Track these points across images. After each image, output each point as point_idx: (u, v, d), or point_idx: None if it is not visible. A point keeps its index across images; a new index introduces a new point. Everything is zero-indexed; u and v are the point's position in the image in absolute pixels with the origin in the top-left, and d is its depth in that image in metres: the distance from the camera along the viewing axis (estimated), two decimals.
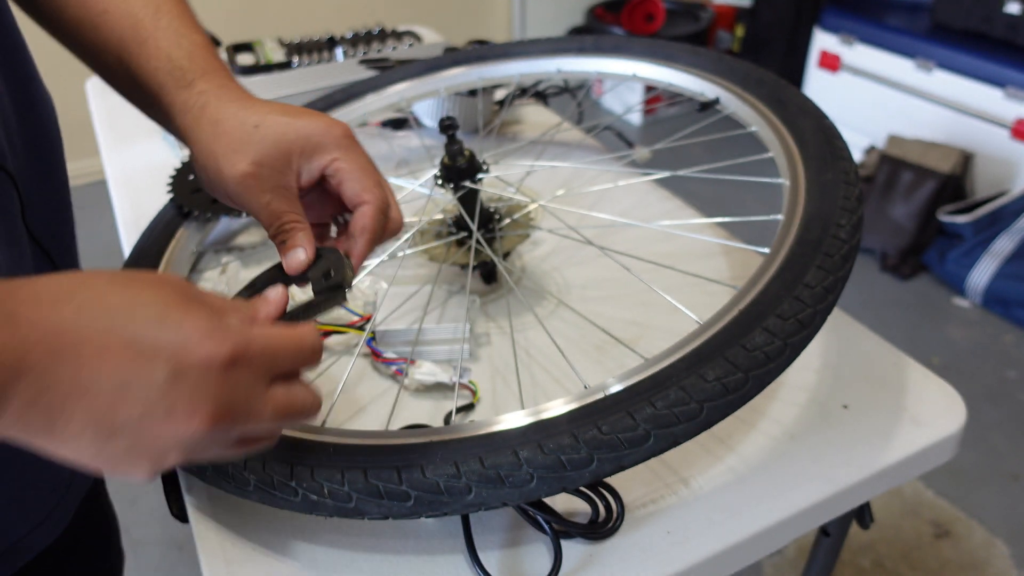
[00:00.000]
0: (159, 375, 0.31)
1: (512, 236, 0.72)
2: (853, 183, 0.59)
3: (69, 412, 0.30)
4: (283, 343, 0.37)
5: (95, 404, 0.31)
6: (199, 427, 0.33)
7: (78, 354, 0.30)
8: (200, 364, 0.32)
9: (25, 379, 0.29)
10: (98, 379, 0.31)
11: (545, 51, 0.93)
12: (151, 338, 0.32)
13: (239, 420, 0.34)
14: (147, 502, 1.59)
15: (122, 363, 0.31)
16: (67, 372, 0.30)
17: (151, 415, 0.32)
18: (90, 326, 0.31)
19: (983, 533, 1.49)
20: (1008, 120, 2.17)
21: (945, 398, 0.61)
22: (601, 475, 0.45)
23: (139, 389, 0.31)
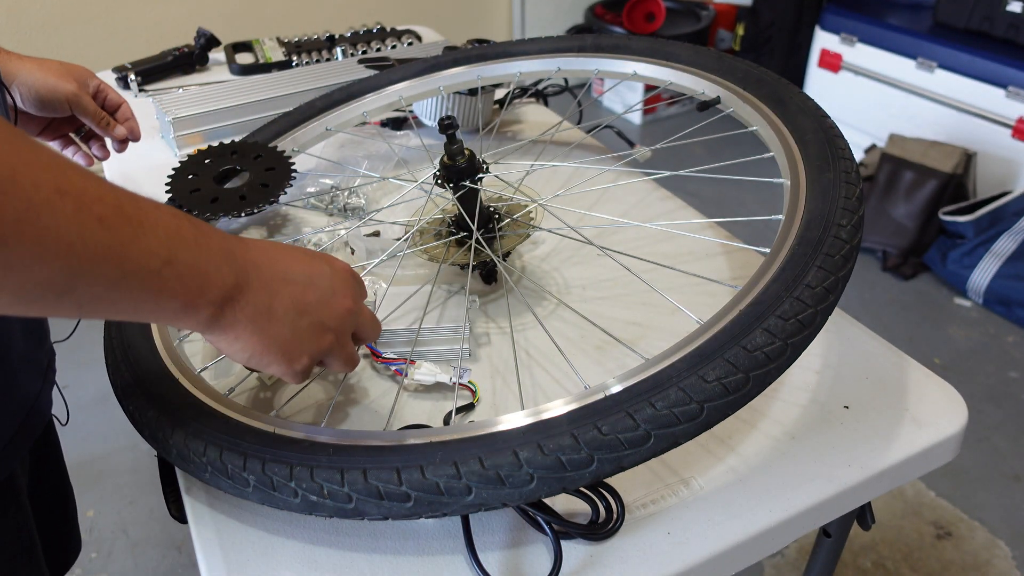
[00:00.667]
0: (327, 270, 0.51)
1: (512, 236, 0.72)
2: (854, 183, 0.59)
3: (282, 295, 0.47)
4: (365, 287, 0.56)
5: (295, 290, 0.48)
6: (350, 305, 0.51)
7: (283, 259, 0.49)
8: (343, 269, 0.53)
9: (259, 270, 0.46)
10: (297, 273, 0.49)
11: (545, 50, 0.93)
12: (319, 256, 0.52)
13: (356, 311, 0.52)
14: (146, 503, 1.59)
15: (308, 264, 0.50)
16: (280, 268, 0.48)
17: (324, 296, 0.50)
18: (283, 249, 0.50)
19: (985, 534, 1.49)
20: (1010, 119, 2.16)
21: (946, 399, 0.61)
22: (601, 476, 0.45)
23: (318, 279, 0.50)
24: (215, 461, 0.50)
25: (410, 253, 0.73)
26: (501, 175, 0.79)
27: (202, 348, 0.68)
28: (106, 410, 1.74)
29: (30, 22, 2.32)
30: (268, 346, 0.47)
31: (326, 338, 0.50)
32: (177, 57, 1.26)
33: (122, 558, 1.50)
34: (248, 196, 0.80)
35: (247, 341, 0.46)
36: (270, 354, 0.48)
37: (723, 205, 2.45)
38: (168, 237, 0.39)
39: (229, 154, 0.86)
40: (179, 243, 0.40)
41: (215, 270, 0.43)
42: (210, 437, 0.51)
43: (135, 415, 0.56)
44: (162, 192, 0.81)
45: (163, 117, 1.02)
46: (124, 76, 1.21)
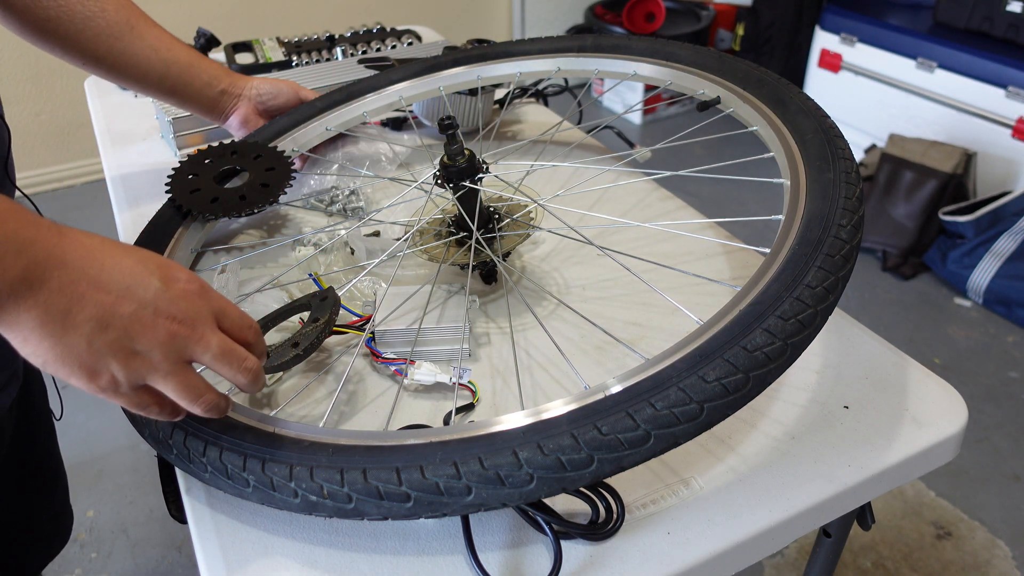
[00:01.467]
0: (154, 283, 0.45)
1: (512, 236, 0.72)
2: (854, 183, 0.59)
3: (85, 301, 0.42)
4: (234, 308, 0.50)
5: (105, 299, 0.43)
6: (170, 328, 0.45)
7: (103, 261, 0.44)
8: (180, 286, 0.46)
9: (63, 269, 0.42)
10: (112, 280, 0.43)
11: (545, 50, 0.93)
12: (154, 263, 0.46)
13: (192, 338, 0.46)
14: (146, 503, 1.59)
15: (131, 272, 0.44)
16: (92, 271, 0.43)
17: (140, 312, 0.44)
18: (113, 249, 0.45)
19: (985, 534, 1.49)
20: (1010, 119, 2.16)
21: (946, 399, 0.61)
22: (601, 476, 0.45)
23: (139, 291, 0.44)
24: (215, 461, 0.50)
25: (410, 253, 0.73)
26: (501, 175, 0.79)
27: None
28: (106, 410, 1.74)
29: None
30: (61, 356, 0.42)
31: (135, 361, 0.44)
32: None
33: (122, 558, 1.50)
34: (248, 196, 0.80)
35: (36, 346, 0.42)
36: (64, 366, 0.43)
37: (723, 205, 2.45)
38: None
39: (229, 154, 0.86)
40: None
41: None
42: (210, 437, 0.51)
43: (135, 415, 0.56)
44: (162, 192, 0.81)
45: (163, 117, 1.02)
46: None
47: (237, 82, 0.90)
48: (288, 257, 0.80)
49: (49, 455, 0.82)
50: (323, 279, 0.71)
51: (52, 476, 0.83)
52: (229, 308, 0.49)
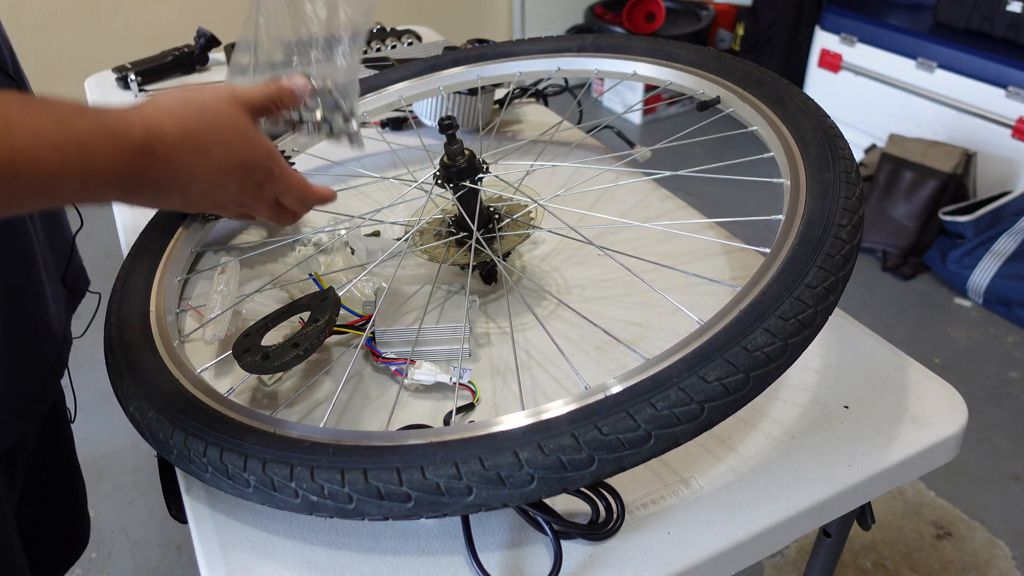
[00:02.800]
0: (233, 190, 0.55)
1: (512, 236, 0.72)
2: (854, 183, 0.59)
3: (179, 194, 0.52)
4: (294, 189, 0.60)
5: (195, 196, 0.53)
6: (251, 208, 0.59)
7: (191, 174, 0.51)
8: (258, 195, 0.58)
9: (157, 182, 0.50)
10: (198, 187, 0.52)
11: (545, 50, 0.93)
12: (234, 169, 0.54)
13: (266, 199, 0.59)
14: (146, 503, 1.59)
15: (215, 183, 0.53)
16: (181, 180, 0.51)
17: (226, 201, 0.56)
18: (198, 163, 0.52)
19: (985, 534, 1.49)
20: (1010, 119, 2.16)
21: (946, 398, 0.61)
22: (601, 476, 0.45)
23: (221, 194, 0.55)
24: (215, 461, 0.50)
25: (410, 253, 0.73)
26: (501, 175, 0.79)
27: (202, 349, 0.68)
28: (106, 410, 1.74)
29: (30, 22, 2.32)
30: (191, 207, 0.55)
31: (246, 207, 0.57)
32: (177, 57, 1.26)
33: (122, 558, 1.50)
34: None
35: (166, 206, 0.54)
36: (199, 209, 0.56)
37: (723, 205, 2.45)
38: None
39: None
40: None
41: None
42: (210, 437, 0.51)
43: (135, 415, 0.56)
44: None
45: None
46: (124, 76, 1.21)
47: None
48: (288, 257, 0.80)
49: (68, 461, 0.82)
50: (323, 279, 0.71)
51: (71, 481, 0.83)
52: (293, 187, 0.60)
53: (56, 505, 0.79)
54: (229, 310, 0.68)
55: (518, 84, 1.02)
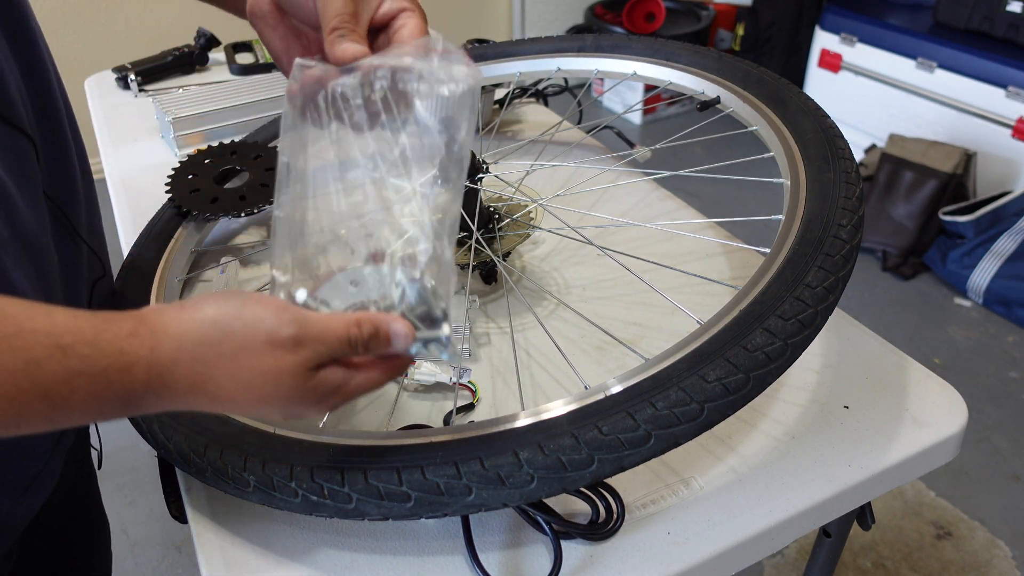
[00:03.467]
0: (276, 415, 0.42)
1: (512, 236, 0.72)
2: (854, 183, 0.59)
3: (208, 409, 0.41)
4: (373, 385, 0.44)
5: (230, 411, 0.41)
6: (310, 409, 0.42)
7: (215, 401, 0.40)
8: (305, 415, 0.42)
9: (172, 404, 0.39)
10: (231, 411, 0.41)
11: (545, 50, 0.93)
12: (269, 410, 0.41)
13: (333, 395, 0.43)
14: (146, 503, 1.59)
15: (249, 409, 0.41)
16: (205, 406, 0.40)
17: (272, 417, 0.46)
18: (215, 405, 0.40)
19: (985, 534, 1.49)
20: (1010, 119, 2.16)
21: (946, 399, 0.61)
22: (601, 476, 0.45)
23: (262, 415, 0.44)
24: (215, 461, 0.50)
25: None
26: (501, 175, 0.79)
27: None
28: None
29: None
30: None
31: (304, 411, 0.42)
32: (177, 57, 1.26)
33: (122, 558, 1.49)
34: (248, 196, 0.80)
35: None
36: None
37: (723, 205, 2.45)
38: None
39: (229, 154, 0.86)
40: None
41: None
42: (210, 437, 0.51)
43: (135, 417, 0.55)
44: (162, 192, 0.81)
45: (163, 117, 1.02)
46: (124, 76, 1.21)
47: None
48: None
49: (94, 503, 0.80)
50: None
51: (97, 522, 0.81)
52: (369, 389, 0.44)
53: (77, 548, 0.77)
54: None
55: (518, 84, 1.02)
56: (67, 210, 0.60)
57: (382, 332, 0.42)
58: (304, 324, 0.40)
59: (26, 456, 0.55)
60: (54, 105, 0.57)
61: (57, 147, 0.58)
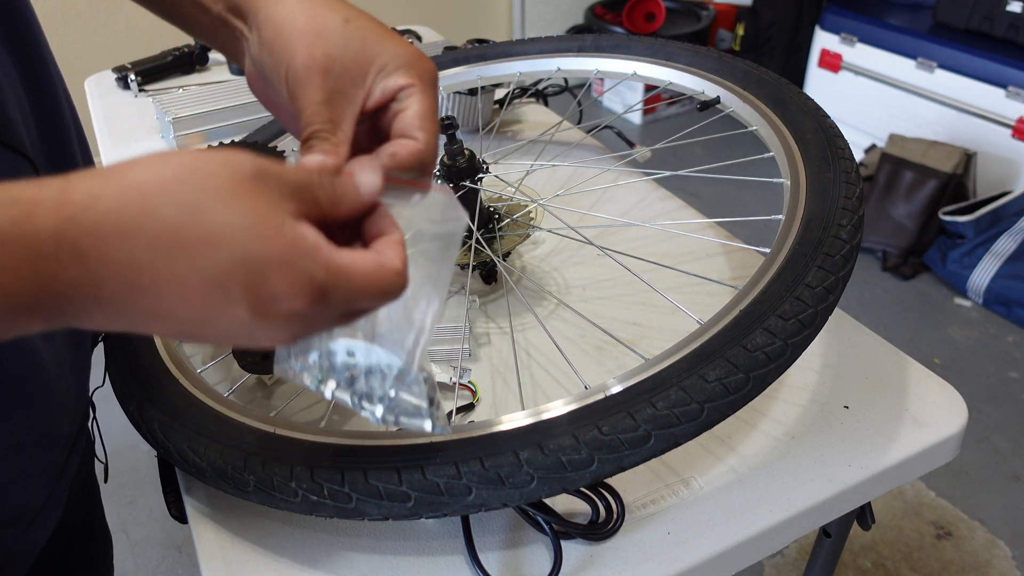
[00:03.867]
0: (240, 314, 0.31)
1: (512, 236, 0.72)
2: (854, 183, 0.59)
3: (151, 327, 0.31)
4: (365, 288, 0.34)
5: (177, 327, 0.31)
6: (277, 345, 0.34)
7: (158, 291, 0.30)
8: (279, 313, 0.32)
9: (103, 306, 0.30)
10: (179, 311, 0.31)
11: (545, 50, 0.93)
12: (233, 279, 0.30)
13: (313, 334, 0.35)
14: (146, 502, 1.59)
15: (204, 302, 0.30)
16: (147, 303, 0.30)
17: (232, 337, 0.32)
18: (167, 267, 0.30)
19: (985, 534, 1.49)
20: (1010, 119, 2.17)
21: (946, 398, 0.61)
22: (601, 476, 0.45)
23: (220, 322, 0.31)
24: (215, 461, 0.50)
25: None
26: (501, 175, 0.79)
27: (202, 348, 0.68)
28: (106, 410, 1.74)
29: None
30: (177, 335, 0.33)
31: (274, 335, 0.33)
32: (177, 57, 1.26)
33: (122, 558, 1.50)
34: None
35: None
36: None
37: (723, 205, 2.45)
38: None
39: None
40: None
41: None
42: (210, 437, 0.51)
43: (135, 415, 0.56)
44: None
45: (163, 117, 1.02)
46: (124, 76, 1.21)
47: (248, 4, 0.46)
48: None
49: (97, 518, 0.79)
50: None
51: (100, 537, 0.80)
52: (359, 292, 0.34)
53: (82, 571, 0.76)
54: None
55: (518, 84, 1.02)
56: None
57: (345, 173, 0.36)
58: (260, 159, 0.32)
59: (27, 489, 0.53)
60: (61, 123, 0.55)
61: (63, 166, 0.55)
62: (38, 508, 0.54)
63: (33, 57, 0.52)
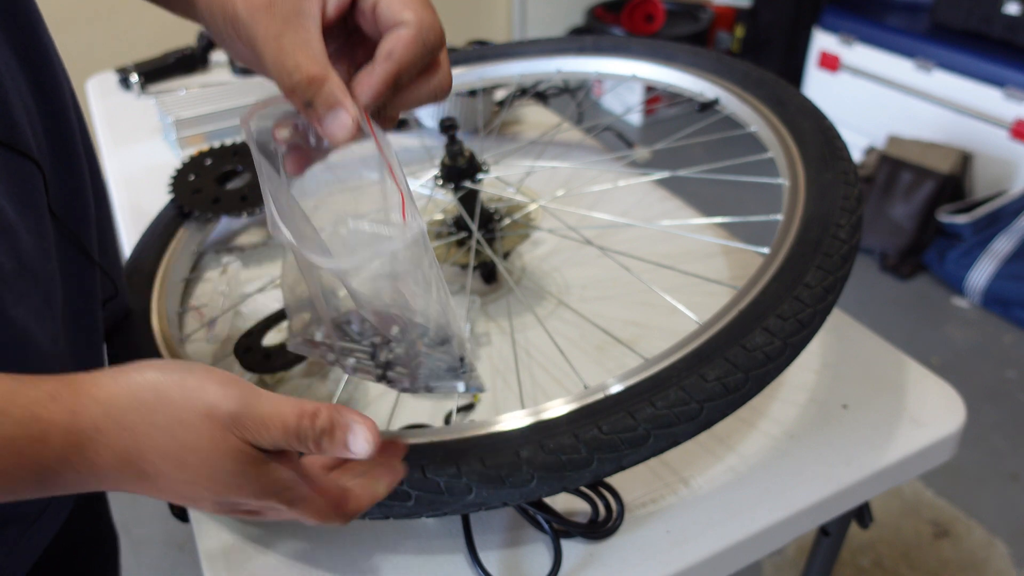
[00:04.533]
0: (207, 504, 0.38)
1: (512, 236, 0.72)
2: (853, 183, 0.59)
3: (134, 490, 0.37)
4: (310, 511, 0.39)
5: (156, 494, 0.37)
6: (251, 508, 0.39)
7: (144, 479, 0.36)
8: (241, 512, 0.39)
9: (95, 482, 0.35)
10: (160, 492, 0.37)
11: (545, 51, 0.93)
12: (203, 501, 0.37)
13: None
14: (147, 502, 1.60)
15: (180, 491, 0.37)
16: (131, 485, 0.36)
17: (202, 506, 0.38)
18: (147, 488, 0.36)
19: (982, 533, 1.50)
20: (1007, 120, 2.17)
21: (944, 398, 0.61)
22: (601, 475, 0.45)
23: (193, 502, 0.38)
24: None
25: None
26: (501, 176, 0.79)
27: (204, 349, 0.68)
28: None
29: None
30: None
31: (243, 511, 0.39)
32: (179, 58, 1.26)
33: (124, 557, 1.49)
34: (249, 196, 0.80)
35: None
36: None
37: (723, 205, 2.45)
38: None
39: (231, 155, 0.86)
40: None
41: None
42: None
43: None
44: (164, 193, 0.81)
45: (165, 118, 1.02)
46: (126, 77, 1.21)
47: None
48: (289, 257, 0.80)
49: (104, 519, 0.79)
50: None
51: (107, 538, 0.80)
52: (313, 512, 0.39)
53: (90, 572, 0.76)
54: (231, 310, 0.69)
55: (518, 85, 1.02)
56: (79, 232, 0.56)
57: (339, 428, 0.37)
58: (249, 403, 0.36)
59: None
60: (67, 125, 0.55)
61: (69, 168, 0.55)
62: (41, 508, 0.54)
63: (38, 59, 0.52)
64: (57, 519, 0.56)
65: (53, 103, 0.53)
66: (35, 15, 0.52)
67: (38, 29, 0.52)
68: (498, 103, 1.08)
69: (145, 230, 0.77)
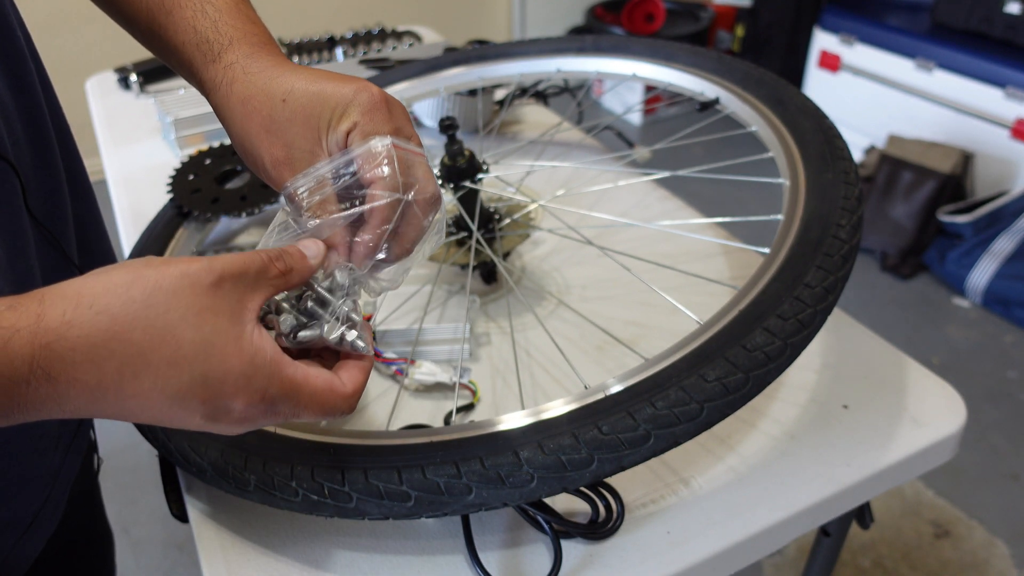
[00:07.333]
0: (195, 420, 0.36)
1: (512, 236, 0.72)
2: (853, 183, 0.59)
3: (115, 416, 0.35)
4: (310, 405, 0.40)
5: (138, 417, 0.36)
6: (231, 433, 0.39)
7: (121, 404, 0.34)
8: (230, 420, 0.37)
9: (66, 413, 0.34)
10: (139, 416, 0.36)
11: (545, 51, 0.93)
12: (192, 394, 0.35)
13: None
14: (147, 502, 1.60)
15: (164, 412, 0.35)
16: (109, 411, 0.35)
17: (187, 428, 0.37)
18: (132, 385, 0.34)
19: (983, 533, 1.49)
20: (1008, 120, 2.17)
21: (945, 398, 0.61)
22: (601, 475, 0.45)
23: (176, 423, 0.36)
24: (216, 461, 0.50)
25: None
26: (501, 175, 0.79)
27: None
28: None
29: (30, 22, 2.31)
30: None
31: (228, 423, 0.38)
32: None
33: (123, 557, 1.50)
34: (249, 196, 0.80)
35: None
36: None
37: (723, 205, 2.45)
38: None
39: (230, 154, 0.86)
40: None
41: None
42: (211, 436, 0.51)
43: None
44: (163, 192, 0.81)
45: (164, 118, 1.02)
46: (125, 77, 1.21)
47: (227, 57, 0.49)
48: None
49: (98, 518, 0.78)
50: None
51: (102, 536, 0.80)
52: (306, 405, 0.39)
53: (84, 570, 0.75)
54: None
55: (518, 85, 1.02)
56: (55, 232, 0.56)
57: (294, 248, 0.41)
58: (217, 257, 0.37)
59: (23, 493, 0.52)
60: (43, 123, 0.55)
61: (47, 169, 0.55)
62: (35, 513, 0.54)
63: (13, 58, 0.52)
64: (51, 523, 0.56)
65: (29, 102, 0.53)
66: (10, 16, 0.52)
67: (15, 29, 0.52)
68: (498, 103, 1.08)
69: (144, 230, 0.77)
